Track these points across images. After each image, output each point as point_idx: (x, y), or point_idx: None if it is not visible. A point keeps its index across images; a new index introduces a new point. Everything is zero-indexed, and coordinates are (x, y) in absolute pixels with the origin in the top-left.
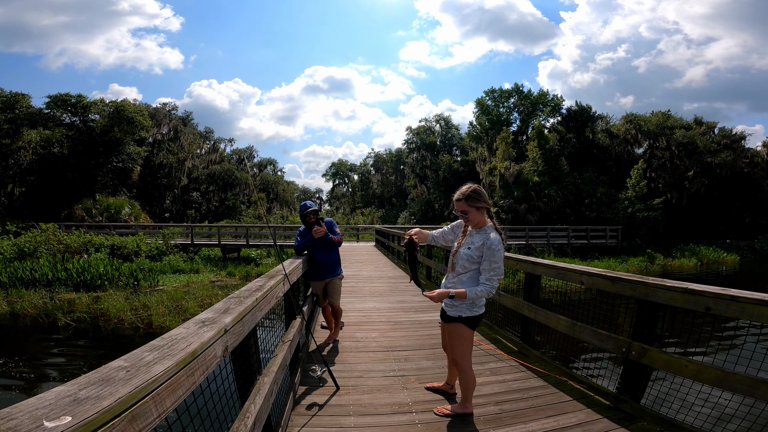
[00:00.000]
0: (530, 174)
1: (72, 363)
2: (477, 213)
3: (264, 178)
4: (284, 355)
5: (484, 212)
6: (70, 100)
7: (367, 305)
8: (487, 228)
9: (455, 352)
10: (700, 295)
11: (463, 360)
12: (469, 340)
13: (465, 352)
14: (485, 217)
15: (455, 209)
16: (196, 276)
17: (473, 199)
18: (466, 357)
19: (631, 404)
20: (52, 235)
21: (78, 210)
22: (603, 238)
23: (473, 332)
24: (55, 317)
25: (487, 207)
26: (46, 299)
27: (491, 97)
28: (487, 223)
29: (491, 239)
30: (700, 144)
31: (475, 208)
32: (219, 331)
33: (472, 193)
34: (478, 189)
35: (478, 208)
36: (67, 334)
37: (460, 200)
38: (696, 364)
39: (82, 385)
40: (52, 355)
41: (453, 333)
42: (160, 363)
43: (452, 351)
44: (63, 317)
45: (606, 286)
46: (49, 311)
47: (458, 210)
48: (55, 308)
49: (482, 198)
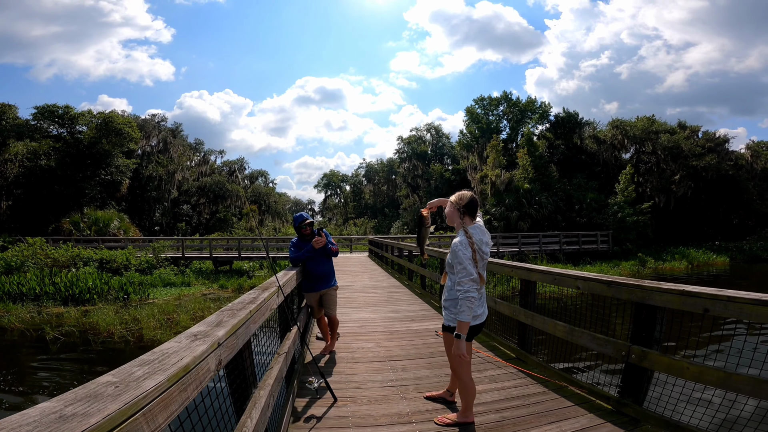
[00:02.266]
0: (521, 181)
1: (60, 376)
2: (449, 211)
3: (255, 190)
4: (280, 367)
5: (455, 213)
6: (58, 111)
7: (362, 315)
8: (460, 231)
9: (453, 361)
10: (697, 297)
11: (459, 368)
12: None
13: (457, 361)
14: (459, 219)
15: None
16: (188, 289)
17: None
18: (460, 365)
19: (634, 408)
20: (40, 249)
21: (66, 223)
22: (594, 243)
23: (468, 344)
24: (43, 331)
25: (457, 209)
26: (34, 313)
27: (480, 105)
28: (462, 225)
29: (453, 243)
30: (685, 148)
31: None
32: (212, 345)
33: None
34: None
35: (451, 204)
36: (56, 347)
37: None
38: (698, 366)
39: (69, 401)
40: (39, 369)
41: (449, 342)
42: (150, 378)
43: (450, 360)
44: (51, 331)
45: (602, 290)
46: (37, 325)
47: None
48: (43, 322)
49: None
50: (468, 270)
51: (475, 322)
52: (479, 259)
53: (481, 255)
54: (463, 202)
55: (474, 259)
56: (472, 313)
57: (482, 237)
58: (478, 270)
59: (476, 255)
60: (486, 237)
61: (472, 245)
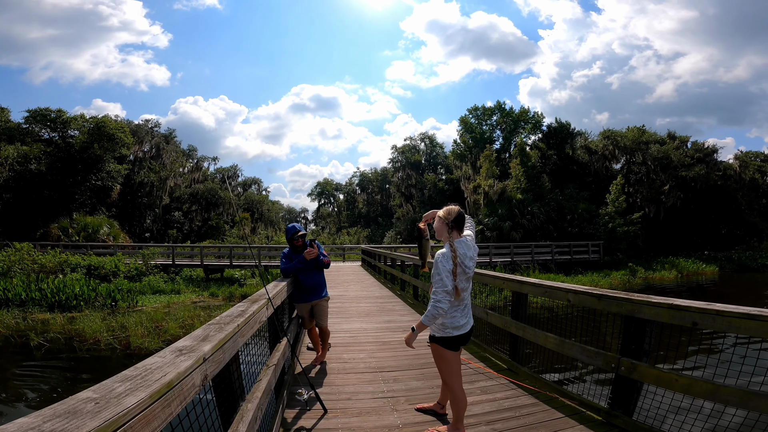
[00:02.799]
0: (513, 191)
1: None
2: (438, 225)
3: (248, 198)
4: (268, 379)
5: (443, 227)
6: (50, 115)
7: (354, 326)
8: (446, 244)
9: (442, 371)
10: (685, 311)
11: (449, 379)
12: (446, 360)
13: (445, 371)
14: (447, 233)
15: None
16: (178, 297)
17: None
18: (450, 376)
19: (624, 419)
20: (27, 255)
21: (54, 229)
22: (586, 253)
23: (455, 354)
24: (28, 337)
25: (445, 223)
26: (19, 319)
27: (474, 115)
28: (449, 239)
29: (436, 255)
30: (674, 158)
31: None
32: (197, 360)
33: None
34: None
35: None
36: (40, 354)
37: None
38: (686, 378)
39: (47, 417)
40: (23, 376)
41: (436, 353)
42: (132, 395)
43: (440, 370)
44: (36, 337)
45: (593, 304)
46: (22, 331)
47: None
48: (28, 328)
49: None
50: (443, 282)
51: (457, 332)
52: (460, 273)
53: (463, 268)
54: (451, 217)
55: (454, 272)
56: (435, 320)
57: (466, 251)
58: (457, 283)
59: (457, 268)
60: (470, 252)
61: (455, 258)
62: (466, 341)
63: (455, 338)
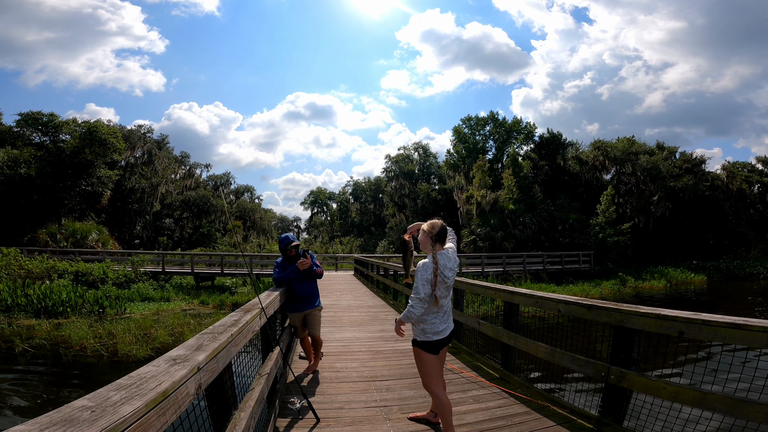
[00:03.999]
0: (506, 202)
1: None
2: (421, 238)
3: (241, 206)
4: (261, 388)
5: (427, 240)
6: (42, 118)
7: (346, 335)
8: (429, 255)
9: (420, 374)
10: (673, 321)
11: (428, 381)
12: (426, 362)
13: (425, 373)
14: (431, 246)
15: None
16: (167, 304)
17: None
18: (429, 378)
19: (614, 427)
20: (14, 260)
21: (42, 234)
22: (576, 263)
23: (434, 357)
24: (13, 343)
25: (429, 236)
26: (4, 325)
27: (468, 125)
28: (432, 251)
29: (417, 264)
30: (663, 169)
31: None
32: (192, 370)
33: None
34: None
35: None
36: (25, 360)
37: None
38: (674, 386)
39: (44, 425)
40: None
41: (418, 356)
42: (128, 403)
43: (420, 374)
44: (21, 343)
45: (582, 314)
46: (7, 337)
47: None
48: (13, 334)
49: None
50: (418, 290)
51: (437, 337)
52: (440, 282)
53: (443, 279)
54: (435, 231)
55: (434, 283)
56: (409, 320)
57: (447, 263)
58: (436, 292)
59: (437, 279)
60: (450, 263)
61: (435, 270)
62: (445, 344)
63: (435, 342)
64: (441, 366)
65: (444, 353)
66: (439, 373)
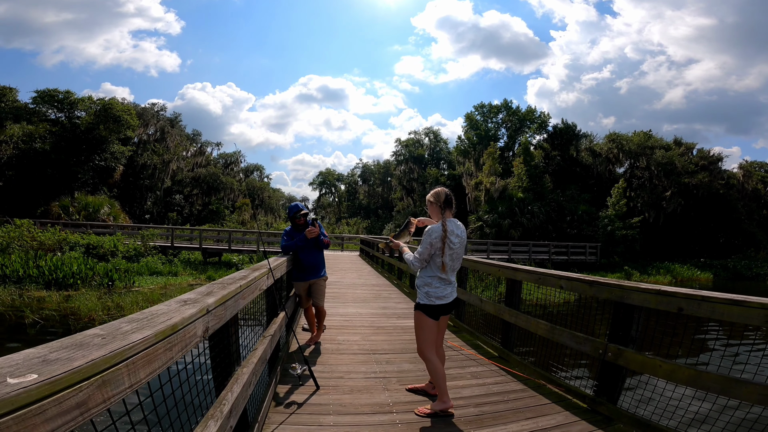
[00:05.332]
0: (515, 190)
1: None
2: (430, 208)
3: (250, 184)
4: (264, 348)
5: (435, 208)
6: (58, 96)
7: (349, 310)
8: (439, 221)
9: (416, 339)
10: (672, 297)
11: (423, 346)
12: (425, 327)
13: (421, 337)
14: (440, 213)
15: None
16: (175, 279)
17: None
18: (423, 343)
19: (608, 406)
20: (26, 232)
21: (55, 207)
22: (583, 255)
23: (434, 322)
24: (23, 314)
25: (438, 205)
26: (15, 296)
27: (480, 112)
28: (442, 218)
29: (427, 227)
30: (678, 165)
31: (429, 204)
32: (201, 310)
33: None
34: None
35: (430, 203)
36: (34, 331)
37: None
38: (670, 364)
39: (54, 348)
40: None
41: (417, 320)
42: (138, 332)
43: (416, 337)
44: (31, 314)
45: (584, 290)
46: (17, 308)
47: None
48: (24, 305)
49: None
50: (420, 250)
51: (440, 302)
52: (447, 248)
53: (449, 245)
54: (441, 199)
55: (442, 248)
56: (407, 263)
57: (455, 229)
58: (444, 259)
59: (444, 244)
60: (458, 230)
61: (444, 236)
62: (447, 312)
63: (438, 307)
64: (439, 336)
65: (444, 324)
66: (435, 341)
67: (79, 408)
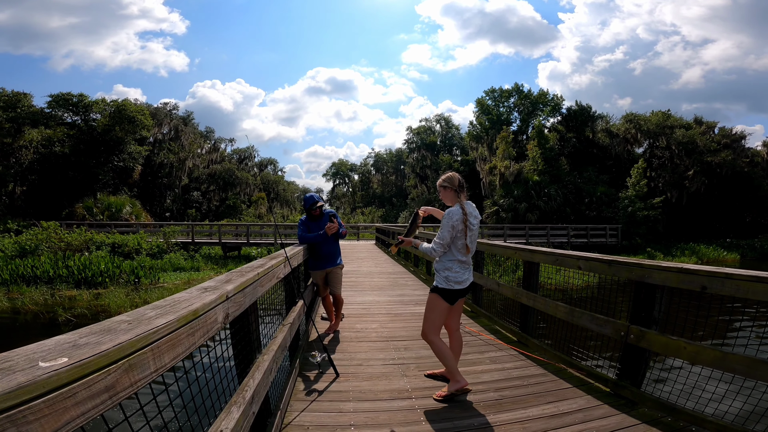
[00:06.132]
0: (530, 173)
1: None
2: (444, 193)
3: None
4: (284, 336)
5: (450, 192)
6: (72, 99)
7: (367, 298)
8: (456, 204)
9: (424, 320)
10: (695, 275)
11: (428, 329)
12: (438, 310)
13: (430, 320)
14: (456, 197)
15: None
16: (197, 273)
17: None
18: (430, 326)
19: (632, 390)
20: (54, 233)
21: (79, 208)
22: (603, 237)
23: (447, 306)
24: (56, 313)
25: (453, 188)
26: (47, 296)
27: (491, 97)
28: (459, 201)
29: (446, 211)
30: (700, 143)
31: (443, 189)
32: (221, 296)
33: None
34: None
35: (445, 188)
36: (68, 329)
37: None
38: (694, 345)
39: (84, 334)
40: None
41: (430, 301)
42: (162, 318)
43: (424, 316)
44: (63, 313)
45: (603, 270)
46: (50, 307)
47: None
48: (56, 304)
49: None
50: (443, 235)
51: (459, 287)
52: (468, 230)
53: (469, 226)
54: (456, 183)
55: (464, 231)
56: (427, 255)
57: (472, 212)
58: (466, 241)
59: (467, 227)
60: (476, 212)
61: (465, 219)
62: (462, 296)
63: (455, 291)
64: (455, 319)
65: (460, 307)
66: (441, 323)
67: (108, 391)
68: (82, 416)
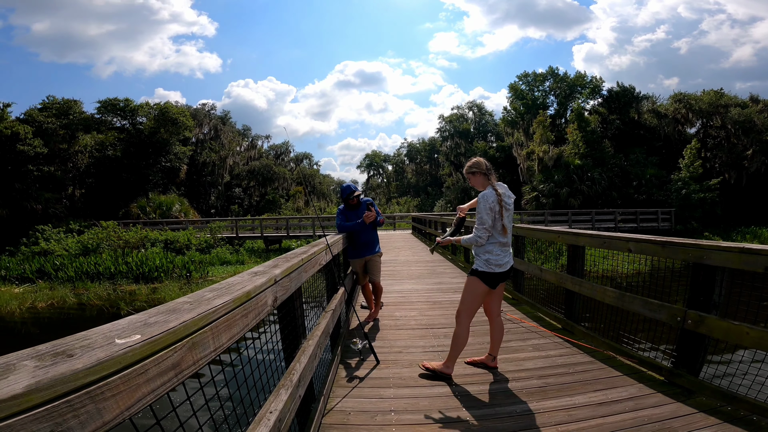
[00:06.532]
0: (571, 157)
1: None
2: (474, 179)
3: (301, 172)
4: (327, 322)
5: (480, 177)
6: (119, 104)
7: (405, 287)
8: (488, 187)
9: (461, 302)
10: (757, 255)
11: (463, 311)
12: (476, 294)
13: (467, 302)
14: (486, 180)
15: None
16: (242, 267)
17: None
18: (466, 309)
19: (688, 378)
20: (113, 232)
21: (133, 208)
22: (655, 221)
23: (486, 290)
24: (119, 307)
25: (482, 172)
26: (110, 291)
27: (525, 81)
28: (490, 183)
29: (479, 195)
30: (758, 122)
31: (471, 175)
32: (269, 280)
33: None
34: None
35: (473, 173)
36: None
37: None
38: (759, 330)
39: (152, 314)
40: None
41: (468, 283)
42: (219, 299)
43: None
44: (125, 307)
45: (656, 252)
46: (113, 302)
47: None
48: (118, 299)
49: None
50: (482, 218)
51: (499, 269)
52: (504, 209)
53: (505, 206)
54: (483, 166)
55: (500, 211)
56: (472, 244)
57: (505, 191)
58: (504, 222)
59: (502, 207)
60: (509, 192)
61: (500, 200)
62: (505, 278)
63: (496, 275)
64: (496, 304)
65: (501, 291)
66: (477, 308)
67: (174, 369)
68: (152, 393)
